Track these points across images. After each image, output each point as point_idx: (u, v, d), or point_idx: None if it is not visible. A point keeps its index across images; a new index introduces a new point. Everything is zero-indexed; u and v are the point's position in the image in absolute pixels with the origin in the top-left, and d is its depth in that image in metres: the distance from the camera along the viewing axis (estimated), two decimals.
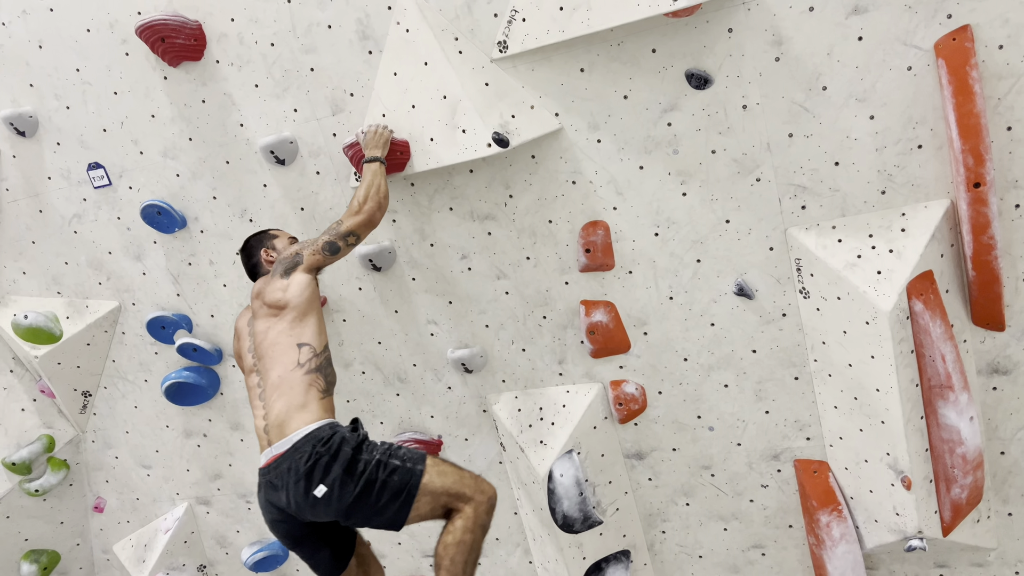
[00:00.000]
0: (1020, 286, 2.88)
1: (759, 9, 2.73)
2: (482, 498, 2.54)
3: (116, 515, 4.68)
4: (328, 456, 2.43)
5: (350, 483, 2.41)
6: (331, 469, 2.41)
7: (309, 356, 2.63)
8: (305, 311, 2.71)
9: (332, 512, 2.45)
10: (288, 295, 2.71)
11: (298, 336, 2.66)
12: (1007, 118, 2.67)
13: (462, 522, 2.49)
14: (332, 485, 2.40)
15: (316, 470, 2.42)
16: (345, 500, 2.41)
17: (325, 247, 2.80)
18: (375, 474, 2.43)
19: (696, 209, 3.09)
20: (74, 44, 3.45)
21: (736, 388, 3.34)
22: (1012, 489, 3.20)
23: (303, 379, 2.58)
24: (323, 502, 2.42)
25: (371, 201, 2.85)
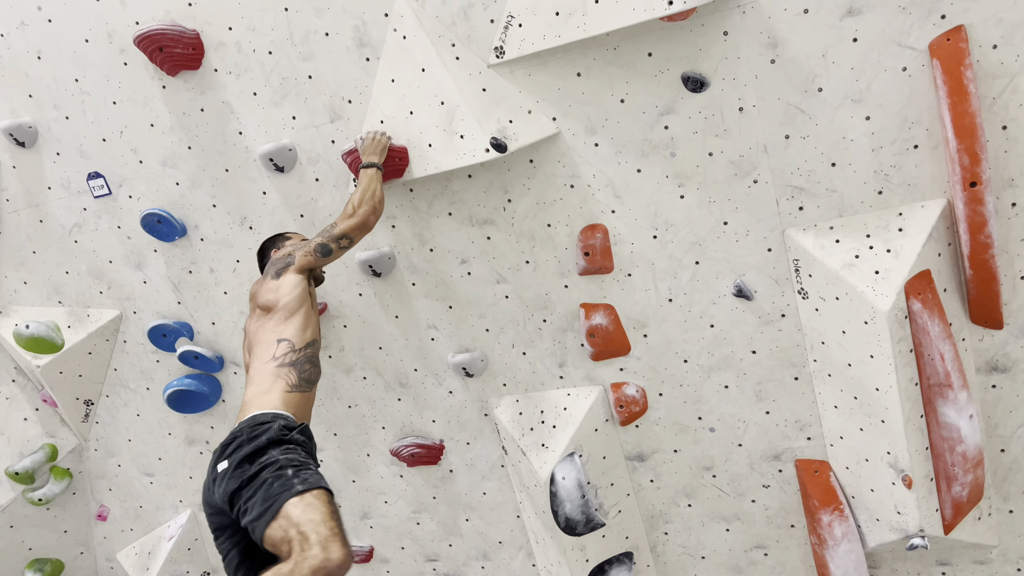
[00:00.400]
0: (1018, 284, 2.89)
1: (754, 12, 2.75)
2: (319, 554, 1.97)
3: (119, 523, 4.68)
4: (246, 438, 2.30)
5: (245, 468, 2.22)
6: (240, 449, 2.27)
7: (286, 351, 2.61)
8: (293, 310, 2.71)
9: (221, 493, 2.25)
10: (278, 295, 2.74)
11: (280, 332, 2.66)
12: (1002, 117, 2.68)
13: (279, 566, 2.00)
14: (231, 464, 2.25)
15: (229, 447, 2.30)
16: (231, 484, 2.22)
17: (317, 249, 2.82)
18: (265, 473, 2.19)
19: (694, 211, 3.10)
20: (72, 55, 3.46)
21: (736, 389, 3.36)
22: (1013, 486, 3.21)
23: (274, 371, 2.55)
24: (220, 479, 2.26)
25: (365, 205, 2.87)
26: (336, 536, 2.02)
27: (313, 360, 2.67)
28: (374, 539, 4.30)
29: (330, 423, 4.01)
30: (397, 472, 4.04)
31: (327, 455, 4.10)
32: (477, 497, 3.97)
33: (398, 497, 4.11)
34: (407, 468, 4.00)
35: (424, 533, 4.18)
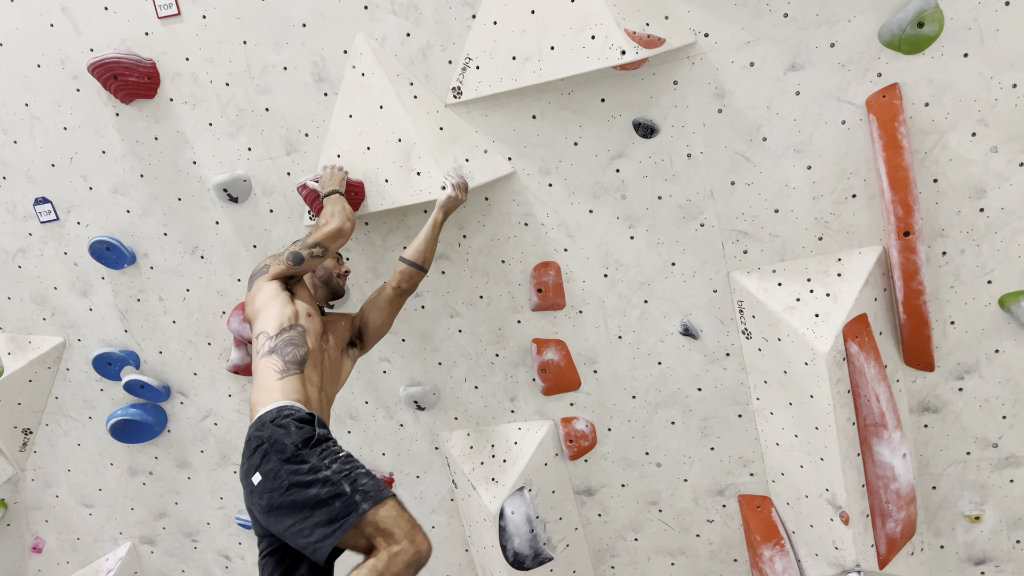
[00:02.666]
0: (948, 329, 3.03)
1: (702, 63, 2.86)
2: (409, 548, 2.09)
3: (55, 556, 4.54)
4: (269, 446, 2.20)
5: (283, 480, 2.15)
6: (268, 459, 2.18)
7: (263, 341, 2.58)
8: (266, 309, 2.69)
9: (262, 507, 2.18)
10: (254, 305, 2.74)
11: (256, 331, 2.65)
12: (933, 171, 2.83)
13: (373, 562, 2.07)
14: (266, 475, 2.16)
15: (256, 455, 2.22)
16: (274, 497, 2.14)
17: (290, 257, 2.81)
18: (315, 490, 2.12)
19: (643, 252, 3.18)
20: (23, 79, 3.41)
21: (682, 425, 3.43)
22: (943, 523, 3.34)
23: (260, 365, 2.52)
24: (257, 492, 2.18)
25: (337, 216, 2.85)
26: (418, 527, 2.17)
27: (294, 341, 2.56)
28: None
29: None
30: None
31: None
32: (425, 530, 3.95)
33: None
34: None
35: None
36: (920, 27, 2.64)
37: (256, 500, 2.21)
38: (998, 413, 3.10)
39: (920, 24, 2.63)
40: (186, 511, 4.25)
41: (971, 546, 3.35)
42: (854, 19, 2.70)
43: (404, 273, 2.91)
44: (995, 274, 2.92)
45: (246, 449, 2.30)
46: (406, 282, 2.92)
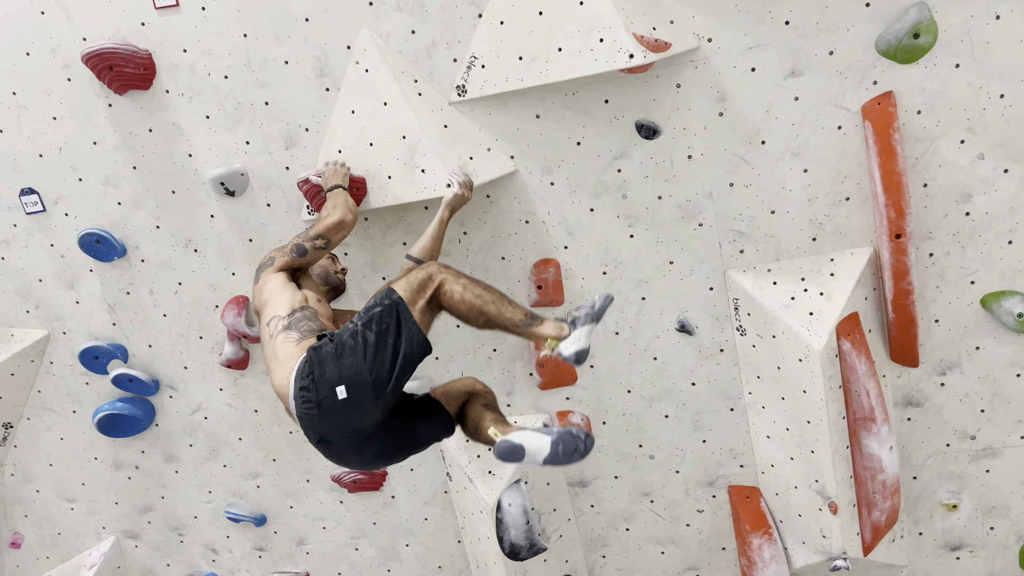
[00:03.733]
0: (932, 327, 3.16)
1: (705, 68, 2.93)
2: (436, 273, 2.45)
3: (34, 551, 4.47)
4: (318, 370, 2.30)
5: (355, 364, 2.29)
6: (327, 372, 2.29)
7: (276, 323, 2.59)
8: (275, 297, 2.68)
9: (374, 388, 2.31)
10: (261, 296, 2.72)
11: (267, 319, 2.64)
12: (923, 176, 2.95)
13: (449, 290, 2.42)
14: (345, 380, 2.28)
15: (322, 388, 2.29)
16: (367, 375, 2.28)
17: (293, 249, 2.79)
18: (364, 336, 2.32)
19: (642, 250, 3.25)
20: (11, 67, 3.33)
21: (676, 419, 3.52)
22: (922, 511, 3.49)
23: (277, 343, 2.53)
24: (350, 399, 2.28)
25: (339, 208, 2.84)
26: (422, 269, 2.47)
27: (308, 318, 2.61)
28: (310, 565, 4.26)
29: (269, 448, 3.97)
30: (337, 498, 4.02)
31: (265, 480, 4.05)
32: (418, 523, 4.00)
33: (337, 523, 4.10)
34: (348, 494, 3.99)
35: (362, 559, 4.18)
36: (915, 38, 2.74)
37: (366, 396, 2.30)
38: (977, 407, 3.26)
39: (916, 35, 2.73)
40: (173, 505, 4.22)
41: (948, 533, 3.51)
42: (852, 28, 2.79)
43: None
44: (978, 275, 3.06)
45: (310, 403, 2.31)
46: None
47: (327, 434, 2.36)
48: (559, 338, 2.45)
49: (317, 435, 2.38)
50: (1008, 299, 3.04)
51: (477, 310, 2.45)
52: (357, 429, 2.35)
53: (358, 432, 2.37)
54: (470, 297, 2.45)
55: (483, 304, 2.46)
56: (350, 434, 2.36)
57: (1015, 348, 3.14)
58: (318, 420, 2.32)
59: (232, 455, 4.02)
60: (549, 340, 2.45)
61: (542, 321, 2.48)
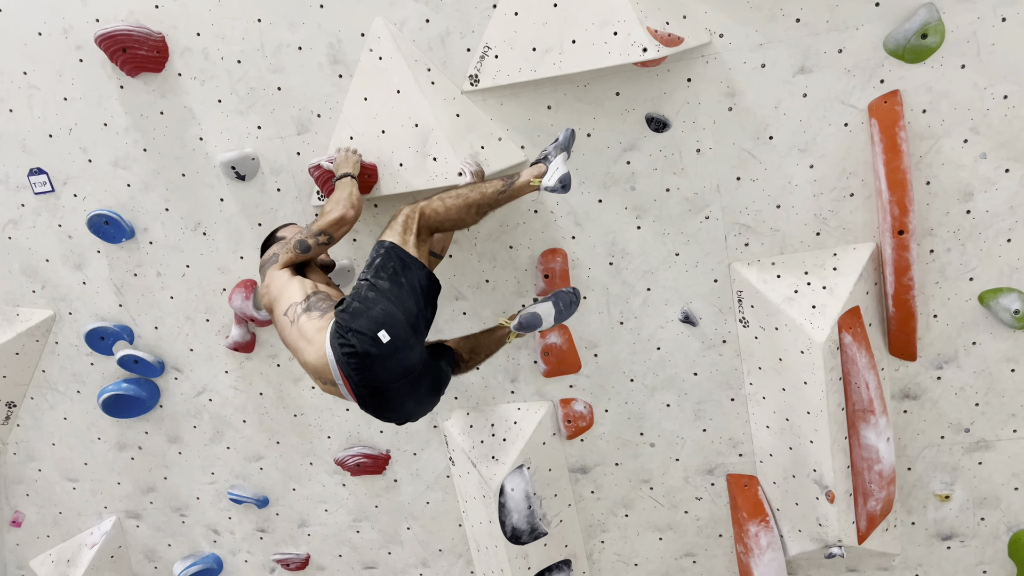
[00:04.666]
0: (931, 322, 3.23)
1: (716, 63, 2.97)
2: (413, 206, 2.65)
3: (35, 529, 4.50)
4: (352, 330, 2.37)
5: (379, 308, 2.40)
6: (363, 327, 2.37)
7: (294, 309, 2.63)
8: (285, 289, 2.71)
9: (405, 329, 2.41)
10: (269, 295, 2.75)
11: (283, 309, 2.68)
12: (927, 174, 3.01)
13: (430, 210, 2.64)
14: (385, 326, 2.38)
15: (356, 343, 2.36)
16: (396, 315, 2.40)
17: (296, 245, 2.80)
18: (379, 286, 2.45)
19: (649, 242, 3.30)
20: (23, 47, 3.33)
21: (677, 408, 3.59)
22: (915, 501, 3.58)
23: (300, 324, 2.58)
24: (393, 340, 2.37)
25: (342, 203, 2.83)
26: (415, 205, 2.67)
27: (324, 299, 2.68)
28: (311, 547, 4.31)
29: (273, 431, 4.01)
30: (340, 481, 4.07)
31: (268, 463, 4.09)
32: (420, 506, 4.05)
33: (339, 506, 4.15)
34: (351, 477, 4.04)
35: (363, 541, 4.23)
36: (923, 38, 2.79)
37: (406, 333, 2.42)
38: (972, 401, 3.33)
39: (924, 35, 2.78)
40: (175, 486, 4.26)
41: (940, 523, 3.60)
42: (862, 27, 2.84)
43: None
44: (977, 272, 3.13)
45: (356, 357, 2.37)
46: None
47: (383, 381, 2.42)
48: (540, 176, 2.66)
49: (371, 386, 2.42)
50: (1005, 296, 3.11)
51: (464, 208, 2.67)
52: (407, 367, 2.44)
53: (408, 371, 2.45)
54: (451, 202, 2.67)
55: (465, 200, 2.68)
56: (402, 374, 2.44)
57: (1011, 344, 3.21)
58: (370, 370, 2.39)
59: (236, 437, 4.05)
60: (532, 181, 2.66)
61: (519, 174, 2.71)
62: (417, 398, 2.55)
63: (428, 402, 2.63)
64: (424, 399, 2.60)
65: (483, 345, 2.96)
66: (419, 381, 2.52)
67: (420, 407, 2.61)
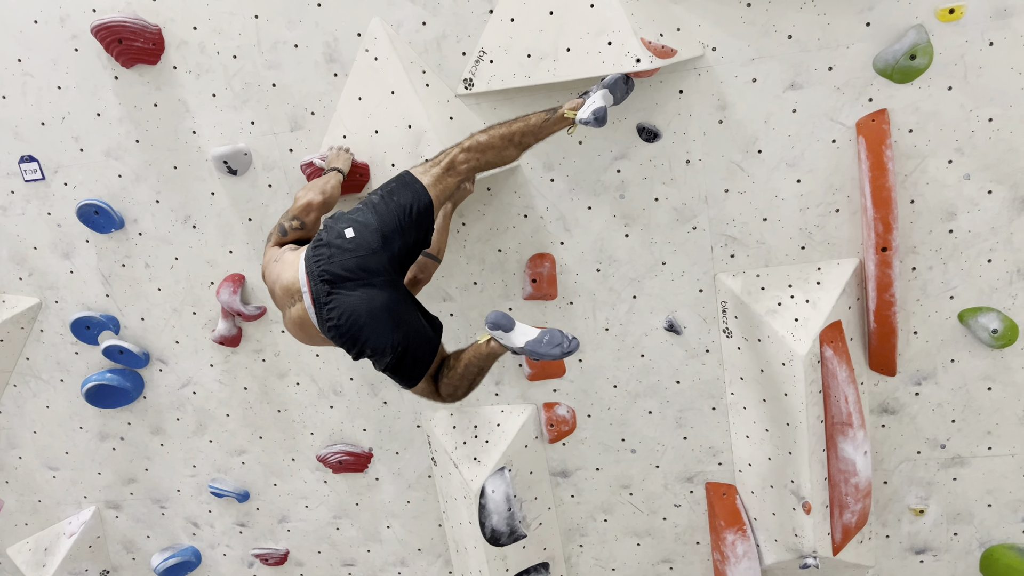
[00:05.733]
0: (911, 338, 3.28)
1: (708, 76, 3.01)
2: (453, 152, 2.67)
3: (14, 517, 4.48)
4: (327, 231, 2.48)
5: (360, 215, 2.47)
6: (333, 225, 2.47)
7: (282, 251, 2.67)
8: (276, 254, 2.72)
9: (373, 235, 2.43)
10: (266, 267, 2.74)
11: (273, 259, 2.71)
12: (911, 192, 3.05)
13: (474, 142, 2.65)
14: (353, 225, 2.45)
15: (324, 236, 2.46)
16: (370, 222, 2.45)
17: (277, 229, 2.81)
18: (370, 200, 2.52)
19: (636, 250, 3.34)
20: (18, 34, 3.33)
21: (659, 415, 3.62)
22: (891, 514, 3.62)
23: (280, 262, 2.62)
24: (356, 237, 2.42)
25: (312, 189, 2.87)
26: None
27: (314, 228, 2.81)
28: (291, 542, 4.31)
29: (256, 426, 4.01)
30: (321, 478, 4.08)
31: (250, 457, 4.09)
32: (401, 505, 4.07)
33: (320, 502, 4.15)
34: (332, 474, 4.05)
35: (343, 538, 4.24)
36: (912, 59, 2.83)
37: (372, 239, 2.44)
38: (949, 417, 3.38)
39: (912, 56, 2.83)
40: (156, 477, 4.25)
41: (914, 536, 3.64)
42: (852, 46, 2.88)
43: (419, 264, 2.98)
44: (957, 291, 3.17)
45: (320, 247, 2.45)
46: (421, 272, 2.99)
47: (338, 274, 2.41)
48: (576, 109, 2.63)
49: (328, 278, 2.42)
50: (984, 315, 3.16)
51: (507, 136, 2.66)
52: (365, 268, 2.41)
53: (366, 271, 2.41)
54: (495, 131, 2.66)
55: (509, 129, 2.67)
56: (359, 272, 2.41)
57: (988, 362, 3.26)
58: (329, 261, 2.42)
59: (219, 431, 4.06)
60: (566, 113, 2.63)
61: (561, 106, 2.67)
62: (372, 311, 2.41)
63: (384, 324, 2.44)
64: (380, 317, 2.42)
65: (472, 361, 2.74)
66: (376, 290, 2.43)
67: (375, 323, 2.42)
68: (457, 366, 2.72)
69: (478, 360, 2.71)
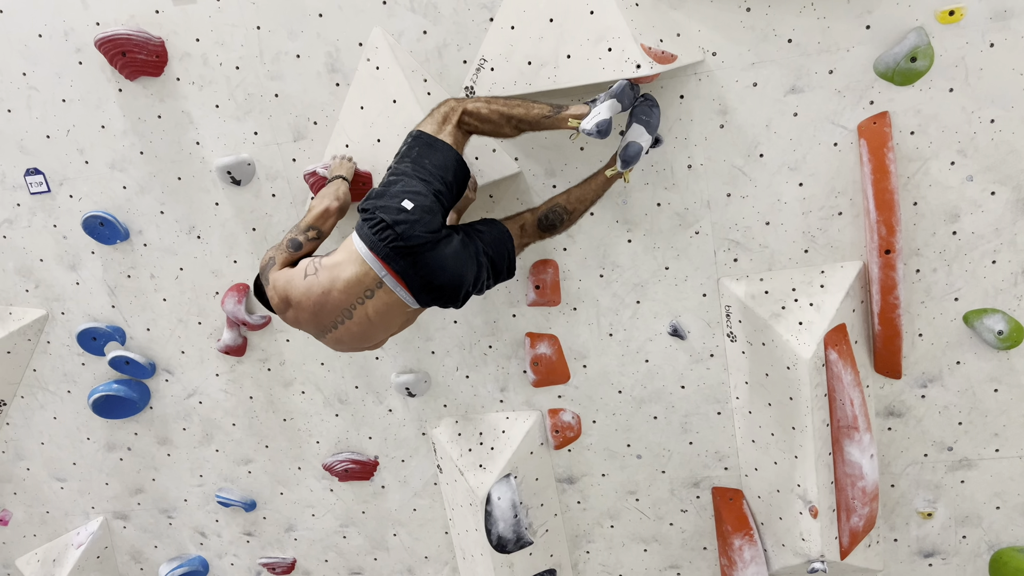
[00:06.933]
0: (916, 340, 3.27)
1: (709, 80, 3.01)
2: (458, 101, 2.74)
3: (22, 528, 4.50)
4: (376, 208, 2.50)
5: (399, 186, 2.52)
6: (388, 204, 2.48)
7: (312, 265, 2.67)
8: (292, 276, 2.71)
9: (427, 198, 2.50)
10: (279, 290, 2.72)
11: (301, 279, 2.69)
12: (914, 195, 3.05)
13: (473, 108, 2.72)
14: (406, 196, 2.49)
15: (384, 216, 2.47)
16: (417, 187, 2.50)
17: (289, 244, 2.79)
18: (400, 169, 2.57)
19: (639, 255, 3.34)
20: (23, 48, 3.36)
21: (664, 420, 3.61)
22: (899, 518, 3.60)
23: (323, 270, 2.62)
24: (417, 207, 2.48)
25: (327, 196, 2.87)
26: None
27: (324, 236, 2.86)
28: (298, 551, 4.32)
29: (263, 435, 4.02)
30: (328, 486, 4.09)
31: (257, 466, 4.10)
32: (407, 513, 4.07)
33: (326, 511, 4.16)
34: (339, 483, 4.05)
35: (350, 547, 4.24)
36: (913, 61, 2.83)
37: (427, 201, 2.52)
38: (955, 419, 3.37)
39: (913, 59, 2.83)
40: (163, 488, 4.27)
41: (922, 540, 3.63)
42: (853, 49, 2.88)
43: (456, 207, 3.02)
44: (962, 292, 3.16)
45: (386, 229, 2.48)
46: (457, 212, 3.04)
47: (416, 246, 2.48)
48: (581, 117, 2.66)
49: (409, 255, 2.49)
50: (990, 317, 3.15)
51: (506, 116, 2.71)
52: (433, 230, 2.49)
53: (435, 231, 2.50)
54: (495, 107, 2.71)
55: (509, 108, 2.72)
56: (430, 236, 2.49)
57: (994, 364, 3.25)
58: (402, 237, 2.46)
59: (225, 440, 4.07)
60: (571, 120, 2.67)
61: (567, 107, 2.71)
62: (456, 256, 2.55)
63: (468, 259, 2.60)
64: (461, 257, 2.57)
65: (589, 194, 2.91)
66: (444, 242, 2.53)
67: (462, 265, 2.58)
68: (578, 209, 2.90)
69: (598, 190, 2.90)
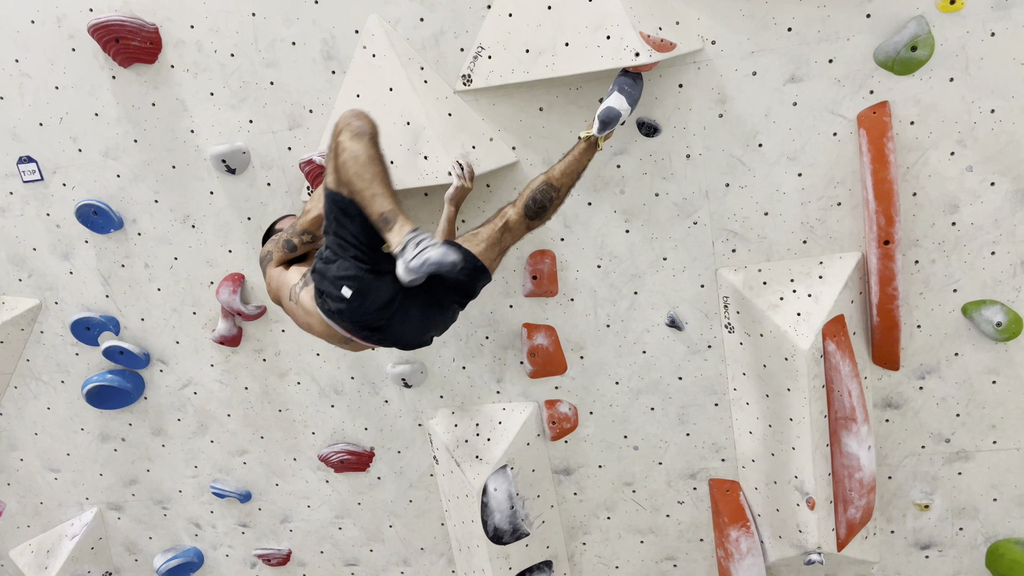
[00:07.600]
0: (914, 332, 3.26)
1: (708, 69, 2.99)
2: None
3: (15, 519, 4.48)
4: (321, 297, 2.48)
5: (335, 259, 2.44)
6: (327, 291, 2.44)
7: (295, 291, 2.69)
8: (284, 281, 2.77)
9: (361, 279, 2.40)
10: (273, 287, 2.82)
11: (285, 296, 2.75)
12: (913, 185, 3.03)
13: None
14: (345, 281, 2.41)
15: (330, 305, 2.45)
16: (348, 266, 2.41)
17: (284, 245, 2.85)
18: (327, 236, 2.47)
19: (637, 246, 3.32)
20: (15, 35, 3.32)
21: (661, 411, 3.60)
22: (895, 510, 3.60)
23: (300, 307, 2.64)
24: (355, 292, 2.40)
25: (321, 200, 2.81)
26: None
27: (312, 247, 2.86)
28: (293, 543, 4.30)
29: (258, 426, 4.00)
30: (323, 477, 4.07)
31: (252, 457, 4.08)
32: (403, 504, 4.05)
33: (322, 502, 4.14)
34: (334, 474, 4.04)
35: (345, 538, 4.23)
36: (913, 51, 2.81)
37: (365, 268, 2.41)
38: (953, 411, 3.36)
39: (913, 48, 2.81)
40: (158, 478, 4.25)
41: (919, 532, 3.63)
42: (852, 38, 2.86)
43: None
44: (961, 284, 3.15)
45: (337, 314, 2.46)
46: None
47: (369, 323, 2.46)
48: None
49: (365, 329, 2.48)
50: (988, 308, 3.14)
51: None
52: (383, 303, 2.42)
53: (387, 304, 2.43)
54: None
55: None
56: (383, 310, 2.43)
57: (992, 355, 3.24)
58: (354, 321, 2.45)
59: (220, 431, 4.05)
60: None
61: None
62: (412, 323, 2.50)
63: (434, 317, 2.56)
64: (431, 316, 2.54)
65: (571, 166, 2.80)
66: (406, 308, 2.46)
67: (427, 324, 2.55)
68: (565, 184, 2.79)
69: (582, 162, 2.81)
